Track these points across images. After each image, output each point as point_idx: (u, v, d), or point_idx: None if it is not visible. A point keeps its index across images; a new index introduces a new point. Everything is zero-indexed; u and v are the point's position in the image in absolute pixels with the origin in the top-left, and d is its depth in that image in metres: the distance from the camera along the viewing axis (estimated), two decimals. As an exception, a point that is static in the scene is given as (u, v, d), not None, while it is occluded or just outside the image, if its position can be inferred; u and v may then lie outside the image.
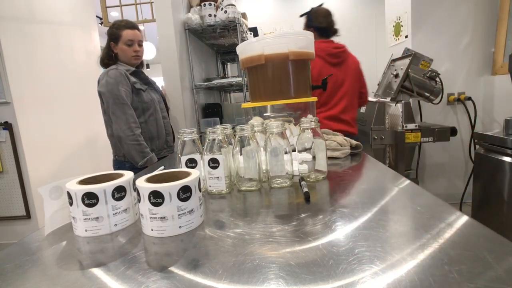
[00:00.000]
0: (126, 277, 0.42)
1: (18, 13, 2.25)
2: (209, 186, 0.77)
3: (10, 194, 2.26)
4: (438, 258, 0.40)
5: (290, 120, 1.10)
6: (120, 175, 0.63)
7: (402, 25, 2.56)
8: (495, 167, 1.57)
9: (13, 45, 2.17)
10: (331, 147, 1.07)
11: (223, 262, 0.44)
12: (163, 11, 2.15)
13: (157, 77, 1.89)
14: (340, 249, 0.45)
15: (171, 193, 0.53)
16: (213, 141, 0.76)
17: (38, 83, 2.38)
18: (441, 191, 2.58)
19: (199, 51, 2.76)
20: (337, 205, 0.63)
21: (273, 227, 0.55)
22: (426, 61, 2.10)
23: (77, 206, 0.56)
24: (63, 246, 0.54)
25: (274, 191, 0.76)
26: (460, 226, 0.49)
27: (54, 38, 2.61)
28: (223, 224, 0.58)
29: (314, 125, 0.80)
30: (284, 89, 1.07)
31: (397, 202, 0.62)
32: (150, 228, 0.54)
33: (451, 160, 2.55)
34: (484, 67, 2.41)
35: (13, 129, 2.17)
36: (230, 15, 2.29)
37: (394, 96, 2.02)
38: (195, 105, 2.49)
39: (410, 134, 1.92)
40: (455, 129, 1.95)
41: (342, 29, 1.80)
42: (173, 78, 2.24)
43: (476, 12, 2.34)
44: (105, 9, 2.92)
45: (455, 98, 2.43)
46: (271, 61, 1.04)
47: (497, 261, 0.38)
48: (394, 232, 0.49)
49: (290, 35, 1.04)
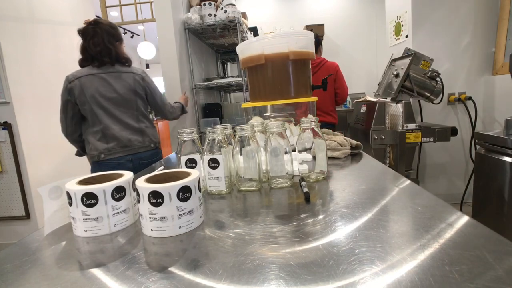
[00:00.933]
0: (126, 278, 0.42)
1: (18, 13, 2.25)
2: (209, 186, 0.77)
3: (10, 194, 2.26)
4: (439, 258, 0.40)
5: (290, 120, 1.10)
6: (120, 175, 0.62)
7: (402, 25, 2.56)
8: (496, 167, 1.57)
9: (13, 45, 2.17)
10: (331, 147, 1.07)
11: (223, 262, 0.44)
12: (163, 10, 2.15)
13: (157, 77, 1.89)
14: (340, 249, 0.45)
15: (170, 193, 0.53)
16: (213, 141, 0.76)
17: (37, 83, 2.38)
18: (442, 191, 2.58)
19: (199, 51, 2.76)
20: (337, 205, 0.62)
21: (273, 227, 0.54)
22: (426, 61, 2.10)
23: (77, 206, 0.56)
24: (63, 246, 0.54)
25: (274, 191, 0.75)
26: (460, 226, 0.49)
27: (54, 38, 2.61)
28: (223, 225, 0.58)
29: (314, 125, 0.79)
30: (284, 89, 1.07)
31: (398, 202, 0.62)
32: (150, 228, 0.54)
33: (452, 160, 2.55)
34: (484, 67, 2.41)
35: (13, 129, 2.17)
36: (230, 14, 2.29)
37: (395, 96, 2.02)
38: (195, 105, 2.49)
39: (411, 134, 1.92)
40: (456, 129, 1.95)
41: (342, 29, 1.81)
42: (173, 78, 2.24)
43: (476, 11, 2.34)
44: (105, 9, 2.92)
45: (455, 98, 2.43)
46: (271, 60, 1.04)
47: (497, 261, 0.38)
48: (395, 233, 0.48)
49: (290, 34, 1.04)
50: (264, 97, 1.09)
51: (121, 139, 1.47)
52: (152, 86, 1.58)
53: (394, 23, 2.70)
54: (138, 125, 1.52)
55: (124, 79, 1.47)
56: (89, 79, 1.42)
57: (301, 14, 4.23)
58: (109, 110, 1.45)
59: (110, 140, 1.46)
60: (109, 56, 1.44)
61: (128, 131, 1.49)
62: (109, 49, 1.43)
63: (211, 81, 2.61)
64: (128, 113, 1.49)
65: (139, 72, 1.54)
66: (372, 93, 2.43)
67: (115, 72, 1.46)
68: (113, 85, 1.44)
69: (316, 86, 1.19)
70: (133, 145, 1.50)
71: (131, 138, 1.49)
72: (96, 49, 1.42)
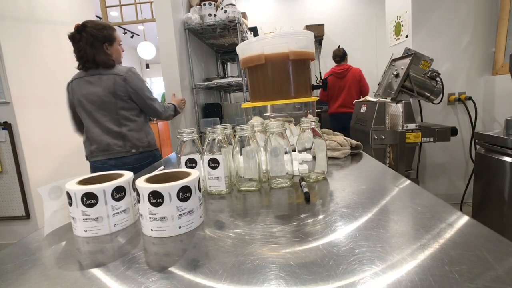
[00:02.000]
0: (126, 278, 0.42)
1: (18, 13, 2.25)
2: (209, 186, 0.77)
3: (10, 194, 2.26)
4: (439, 258, 0.40)
5: (290, 120, 1.10)
6: (120, 175, 0.62)
7: (402, 25, 2.56)
8: (496, 167, 1.57)
9: (13, 45, 2.17)
10: (331, 147, 1.07)
11: (223, 262, 0.44)
12: (163, 10, 2.15)
13: (157, 77, 1.89)
14: (340, 249, 0.45)
15: (170, 193, 0.53)
16: (213, 141, 0.76)
17: (37, 83, 2.38)
18: (442, 191, 2.58)
19: (199, 51, 2.76)
20: (337, 205, 0.62)
21: (273, 227, 0.54)
22: (426, 61, 2.10)
23: (77, 206, 0.56)
24: (63, 246, 0.54)
25: (274, 191, 0.75)
26: (460, 226, 0.49)
27: (54, 38, 2.61)
28: (223, 225, 0.58)
29: (314, 125, 0.79)
30: (284, 89, 1.07)
31: (398, 202, 0.62)
32: (150, 228, 0.54)
33: (452, 160, 2.55)
34: (484, 67, 2.41)
35: (13, 129, 2.18)
36: (230, 14, 2.29)
37: (395, 96, 2.02)
38: (195, 105, 2.49)
39: (411, 134, 1.92)
40: (456, 129, 1.95)
41: (342, 29, 1.82)
42: (173, 78, 2.24)
43: (476, 11, 2.34)
44: (105, 8, 2.92)
45: (455, 98, 2.43)
46: (271, 60, 1.04)
47: (497, 261, 0.38)
48: (395, 233, 0.48)
49: (290, 35, 1.04)
50: (264, 97, 1.09)
51: (101, 143, 1.46)
52: (137, 86, 1.48)
53: (394, 23, 2.70)
54: (120, 129, 1.47)
55: (104, 81, 1.44)
56: (77, 83, 1.47)
57: (301, 14, 4.23)
58: (91, 114, 1.46)
59: (93, 142, 1.48)
60: (90, 61, 1.44)
61: (108, 136, 1.46)
62: (88, 53, 1.43)
63: (211, 81, 2.61)
64: (108, 116, 1.46)
65: (122, 72, 1.46)
66: (372, 93, 2.43)
67: (97, 75, 1.45)
68: (95, 88, 1.44)
69: (316, 86, 1.19)
70: (112, 150, 1.46)
71: (110, 142, 1.46)
72: (79, 54, 1.45)
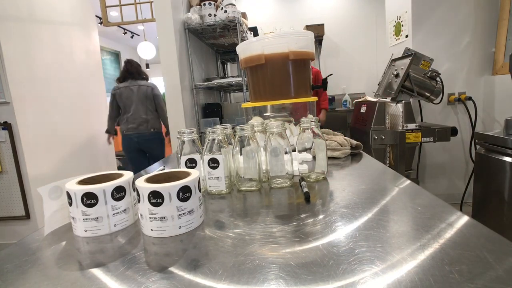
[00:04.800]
0: (126, 278, 0.42)
1: (18, 13, 2.25)
2: (209, 186, 0.77)
3: (10, 194, 2.26)
4: (439, 258, 0.40)
5: (290, 120, 1.10)
6: (120, 175, 0.62)
7: (402, 25, 2.56)
8: (496, 167, 1.57)
9: (13, 45, 2.17)
10: (331, 147, 1.07)
11: (223, 262, 0.44)
12: (163, 10, 2.15)
13: (157, 77, 1.89)
14: (340, 249, 0.45)
15: (170, 193, 0.53)
16: (213, 141, 0.76)
17: (37, 83, 2.38)
18: (442, 191, 2.58)
19: (199, 51, 2.76)
20: (337, 205, 0.62)
21: (273, 227, 0.54)
22: (426, 61, 2.10)
23: (77, 206, 0.56)
24: (63, 246, 0.54)
25: (274, 191, 0.75)
26: (460, 226, 0.49)
27: (54, 38, 2.61)
28: (223, 225, 0.58)
29: (314, 125, 0.79)
30: (284, 89, 1.07)
31: (398, 202, 0.62)
32: (150, 228, 0.54)
33: (452, 160, 2.55)
34: (484, 67, 2.41)
35: (13, 129, 2.17)
36: (230, 14, 2.29)
37: (395, 96, 2.02)
38: (195, 105, 2.49)
39: (411, 134, 1.92)
40: (456, 129, 1.95)
41: (342, 29, 1.82)
42: (173, 78, 2.24)
43: (476, 11, 2.34)
44: (105, 8, 2.92)
45: (455, 98, 2.43)
46: (271, 60, 1.04)
47: (497, 261, 0.38)
48: (395, 232, 0.48)
49: (290, 34, 1.04)
50: (264, 97, 1.09)
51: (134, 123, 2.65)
52: (158, 95, 2.71)
53: (394, 23, 2.70)
54: (146, 116, 2.66)
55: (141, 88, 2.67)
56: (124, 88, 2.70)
57: (301, 14, 4.23)
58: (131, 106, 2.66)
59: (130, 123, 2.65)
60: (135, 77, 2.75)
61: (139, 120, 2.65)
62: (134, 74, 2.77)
63: (211, 81, 2.61)
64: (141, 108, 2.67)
65: (151, 85, 2.71)
66: (372, 93, 2.43)
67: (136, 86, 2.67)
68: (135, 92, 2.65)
69: (316, 86, 1.19)
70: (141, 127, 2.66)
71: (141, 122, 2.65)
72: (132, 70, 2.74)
